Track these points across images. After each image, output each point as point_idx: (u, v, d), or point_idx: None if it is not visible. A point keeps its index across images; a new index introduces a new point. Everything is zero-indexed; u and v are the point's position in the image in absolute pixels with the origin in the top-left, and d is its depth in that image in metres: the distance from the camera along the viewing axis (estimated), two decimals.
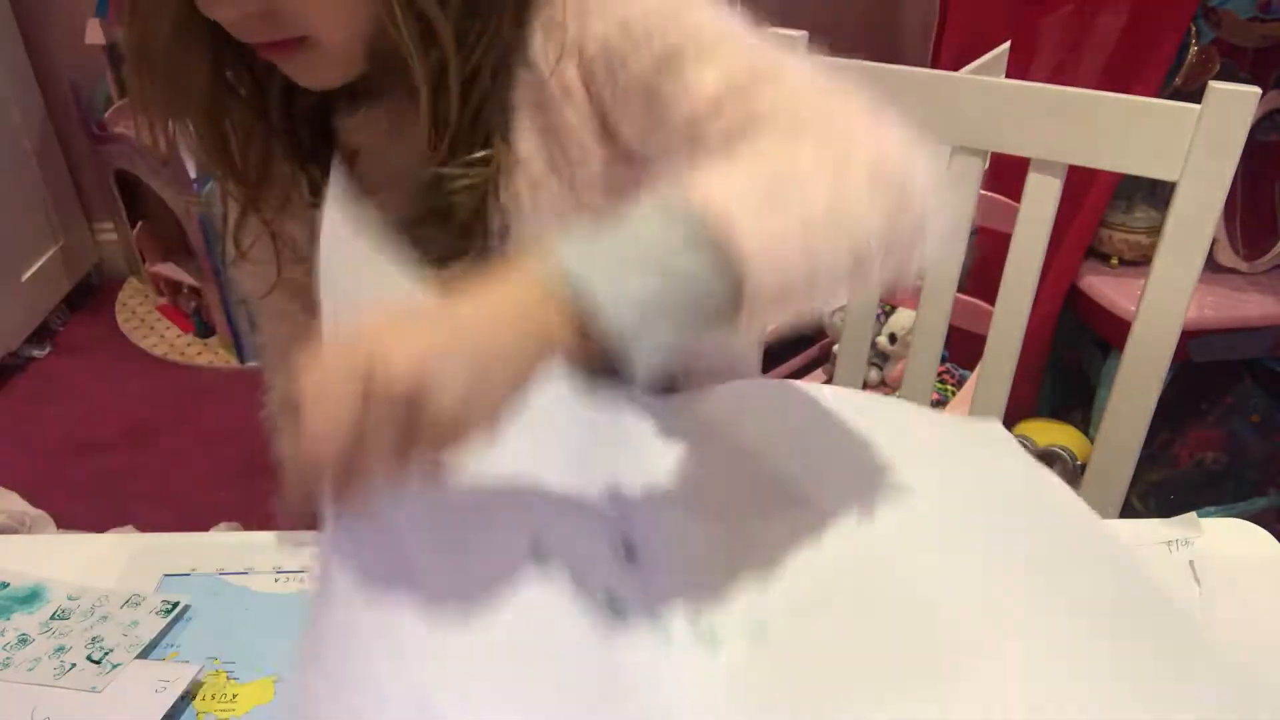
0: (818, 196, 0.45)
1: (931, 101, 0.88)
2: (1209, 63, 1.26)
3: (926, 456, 0.60)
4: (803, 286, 0.44)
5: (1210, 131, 0.78)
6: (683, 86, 0.53)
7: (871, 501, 0.54)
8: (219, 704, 0.56)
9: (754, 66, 0.53)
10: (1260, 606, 0.59)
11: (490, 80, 0.58)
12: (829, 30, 0.85)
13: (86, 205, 2.31)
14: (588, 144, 0.60)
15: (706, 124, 0.52)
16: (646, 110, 0.56)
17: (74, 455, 1.82)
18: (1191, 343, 1.31)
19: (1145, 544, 0.64)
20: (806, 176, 0.45)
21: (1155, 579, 0.55)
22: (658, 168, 0.57)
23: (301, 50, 0.55)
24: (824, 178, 0.45)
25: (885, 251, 0.46)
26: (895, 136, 0.49)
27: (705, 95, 0.52)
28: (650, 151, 0.58)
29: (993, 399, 0.94)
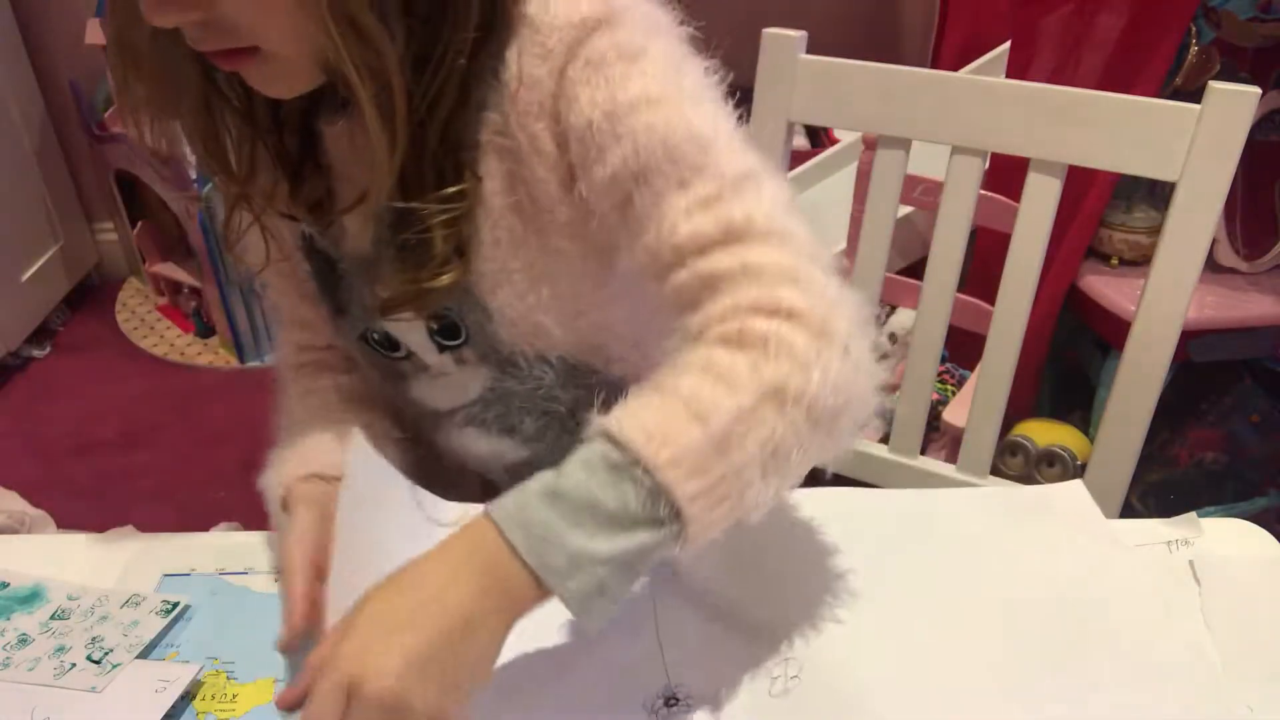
0: (759, 439, 0.48)
1: (931, 101, 0.88)
2: (1209, 63, 1.26)
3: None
4: (738, 516, 0.49)
5: (1210, 131, 0.78)
6: (655, 213, 0.54)
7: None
8: (219, 704, 0.56)
9: (727, 223, 0.53)
10: (1260, 606, 0.59)
11: (450, 116, 0.57)
12: (829, 30, 0.85)
13: (86, 205, 2.31)
14: (554, 194, 0.59)
15: (667, 268, 0.54)
16: (614, 200, 0.56)
17: (74, 455, 1.82)
18: (1191, 343, 1.31)
19: (1145, 544, 0.64)
20: (750, 417, 0.48)
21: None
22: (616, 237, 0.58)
23: (254, 61, 0.53)
24: (767, 418, 0.48)
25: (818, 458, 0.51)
26: (837, 322, 0.51)
27: (672, 241, 0.53)
28: (610, 223, 0.58)
29: (993, 399, 0.94)
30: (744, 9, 1.77)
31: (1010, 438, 1.36)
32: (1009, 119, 0.85)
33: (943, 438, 1.30)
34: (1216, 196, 0.79)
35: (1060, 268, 1.36)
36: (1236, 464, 1.49)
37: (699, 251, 0.53)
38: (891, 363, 1.47)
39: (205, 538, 0.68)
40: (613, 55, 0.54)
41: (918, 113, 0.89)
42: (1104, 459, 0.91)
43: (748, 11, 1.36)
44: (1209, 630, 0.58)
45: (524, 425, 0.72)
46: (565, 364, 0.67)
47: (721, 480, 0.47)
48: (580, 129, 0.55)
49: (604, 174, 0.55)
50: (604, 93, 0.54)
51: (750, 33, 0.92)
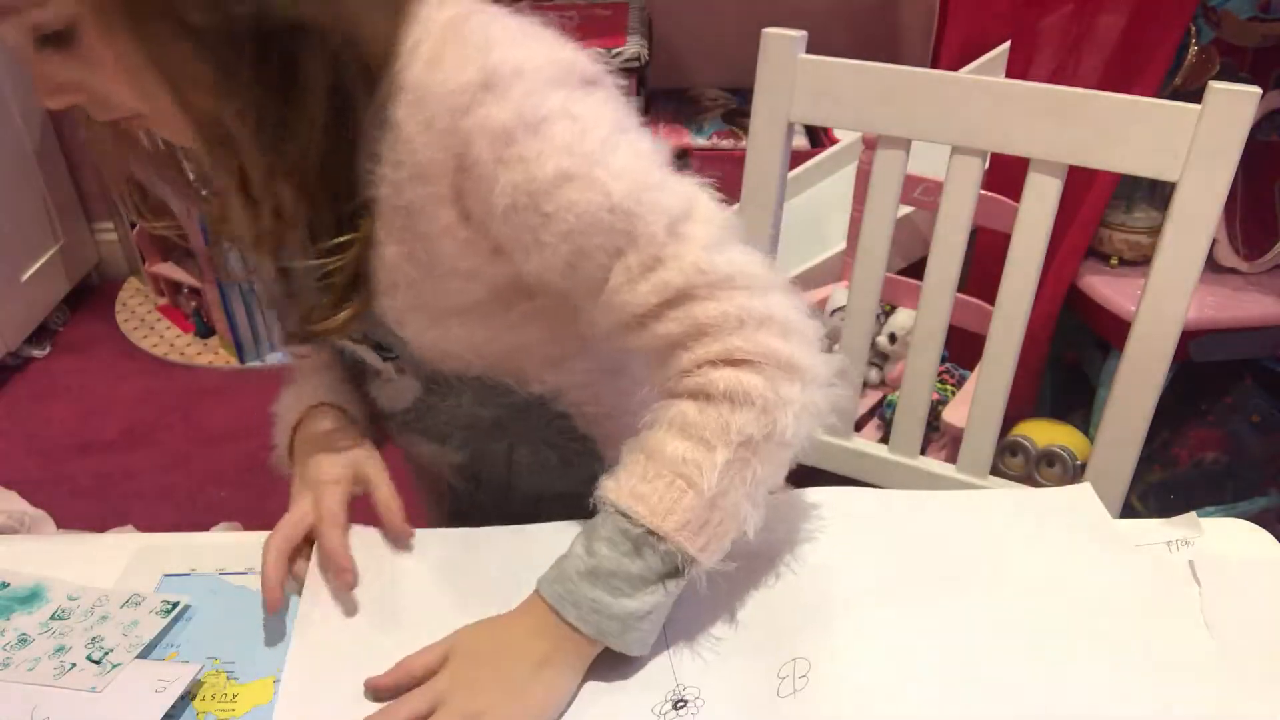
0: (742, 480, 0.55)
1: (931, 101, 0.88)
2: (1209, 63, 1.26)
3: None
4: (739, 535, 0.56)
5: (1210, 131, 0.78)
6: (600, 282, 0.56)
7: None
8: (219, 704, 0.56)
9: (670, 290, 0.55)
10: (1260, 606, 0.59)
11: (326, 173, 0.57)
12: (829, 31, 0.85)
13: (86, 205, 2.31)
14: (452, 250, 0.59)
15: (625, 329, 0.57)
16: (556, 270, 0.57)
17: (74, 455, 1.82)
18: (1191, 343, 1.31)
19: (1145, 544, 0.64)
20: (731, 469, 0.54)
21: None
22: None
23: (144, 122, 0.59)
24: (745, 462, 0.55)
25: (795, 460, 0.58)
26: (787, 352, 0.55)
27: (624, 312, 0.56)
28: (555, 283, 0.58)
29: (992, 399, 0.94)
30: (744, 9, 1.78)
31: (1010, 438, 1.36)
32: (1008, 119, 0.85)
33: (943, 438, 1.30)
34: (1216, 196, 0.79)
35: (1060, 268, 1.36)
36: (1236, 464, 1.49)
37: (651, 317, 0.56)
38: (892, 362, 1.48)
39: (205, 538, 0.68)
40: (518, 130, 0.53)
41: (917, 113, 0.89)
42: (1104, 459, 0.91)
43: (748, 11, 1.36)
44: (1209, 630, 0.58)
45: (452, 436, 0.73)
46: (482, 384, 0.68)
47: (720, 523, 0.55)
48: (502, 210, 0.55)
49: (540, 255, 0.56)
50: (520, 174, 0.54)
51: (751, 33, 0.92)
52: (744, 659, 0.57)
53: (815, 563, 0.62)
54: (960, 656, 0.56)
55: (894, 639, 0.57)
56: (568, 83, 0.55)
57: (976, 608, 0.59)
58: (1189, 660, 0.56)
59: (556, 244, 0.55)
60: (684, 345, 0.55)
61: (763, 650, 0.57)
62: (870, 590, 0.60)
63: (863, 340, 1.01)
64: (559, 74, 0.55)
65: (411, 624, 0.60)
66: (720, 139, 1.97)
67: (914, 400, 0.99)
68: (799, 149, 1.90)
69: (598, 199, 0.53)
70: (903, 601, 0.59)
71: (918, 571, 0.62)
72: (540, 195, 0.54)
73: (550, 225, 0.54)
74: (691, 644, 0.58)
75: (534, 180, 0.53)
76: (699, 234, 0.55)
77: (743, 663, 0.56)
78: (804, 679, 0.54)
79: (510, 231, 0.56)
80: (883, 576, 0.61)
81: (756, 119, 0.95)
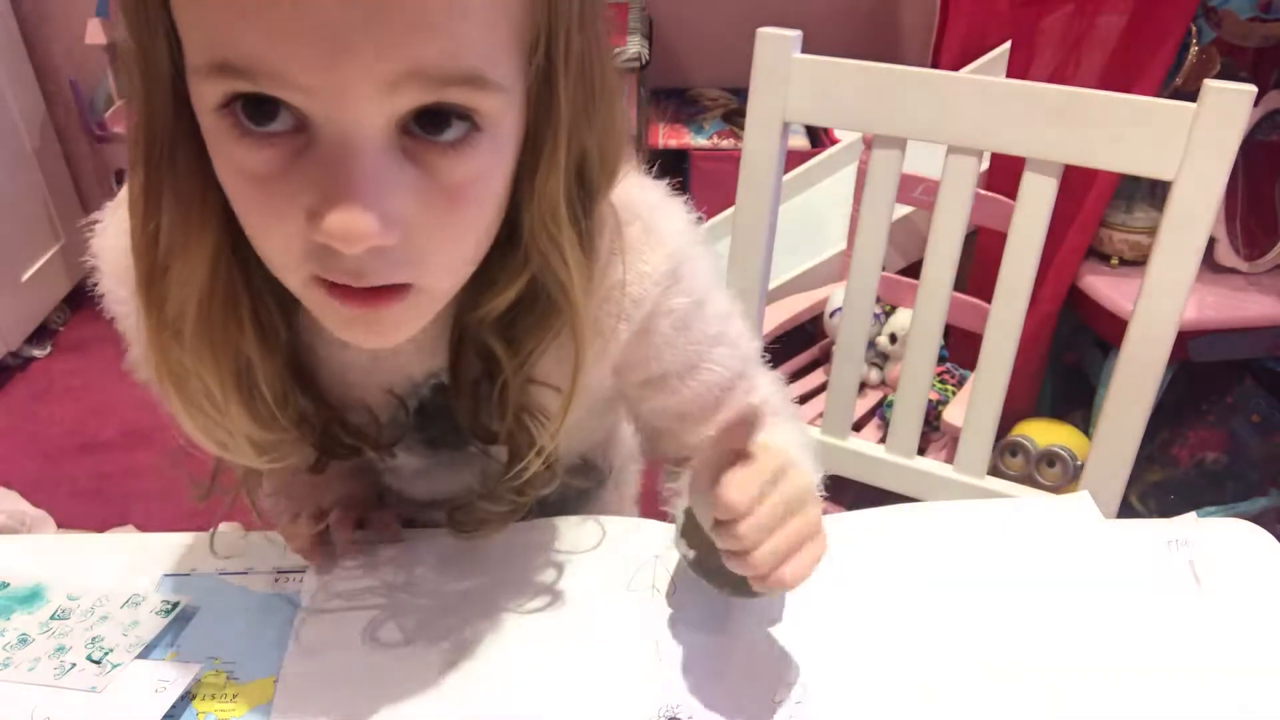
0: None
1: (927, 101, 0.88)
2: (1209, 63, 1.26)
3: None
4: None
5: (1206, 130, 0.78)
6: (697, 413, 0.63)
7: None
8: (219, 704, 0.56)
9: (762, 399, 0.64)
10: (1260, 606, 0.59)
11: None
12: (829, 30, 0.85)
13: (86, 205, 2.31)
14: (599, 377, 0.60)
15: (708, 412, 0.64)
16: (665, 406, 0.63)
17: (74, 455, 1.82)
18: (1191, 343, 1.31)
19: (1145, 544, 0.64)
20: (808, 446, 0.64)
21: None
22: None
23: (400, 299, 0.45)
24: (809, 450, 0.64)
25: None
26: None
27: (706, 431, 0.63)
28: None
29: (990, 398, 0.94)
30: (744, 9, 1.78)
31: (1010, 438, 1.36)
32: (1004, 118, 0.85)
33: (943, 438, 1.30)
34: (1213, 195, 0.80)
35: (1061, 268, 1.36)
36: (1236, 464, 1.49)
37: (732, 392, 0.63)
38: (892, 363, 1.48)
39: (205, 538, 0.68)
40: (691, 314, 0.58)
41: (913, 112, 0.89)
42: (1102, 458, 0.91)
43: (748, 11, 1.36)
44: (1209, 630, 0.58)
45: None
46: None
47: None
48: (656, 375, 0.60)
49: (678, 394, 0.61)
50: (687, 349, 0.59)
51: (751, 33, 0.92)
52: (738, 678, 0.56)
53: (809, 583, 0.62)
54: (958, 677, 0.56)
55: (892, 661, 0.57)
56: (704, 246, 0.60)
57: (973, 626, 0.59)
58: (1189, 663, 0.56)
59: (694, 387, 0.61)
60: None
61: (757, 670, 0.57)
62: (865, 611, 0.60)
63: (862, 340, 1.01)
64: (697, 240, 0.59)
65: (412, 624, 0.60)
66: (720, 139, 1.97)
67: (911, 400, 0.99)
68: (799, 149, 1.90)
69: (731, 363, 0.61)
70: (900, 622, 0.59)
71: (913, 591, 0.61)
72: (690, 366, 0.60)
73: (696, 375, 0.61)
74: (684, 662, 0.57)
75: (698, 345, 0.60)
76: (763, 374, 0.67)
77: (736, 683, 0.56)
78: (799, 705, 0.54)
79: (648, 385, 0.61)
80: (878, 596, 0.61)
81: (752, 118, 0.95)
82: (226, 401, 0.51)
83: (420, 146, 0.41)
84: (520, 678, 0.56)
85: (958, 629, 0.58)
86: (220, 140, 0.41)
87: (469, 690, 0.56)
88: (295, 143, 0.40)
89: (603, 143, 0.49)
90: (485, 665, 0.57)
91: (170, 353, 0.49)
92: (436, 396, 0.59)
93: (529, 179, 0.46)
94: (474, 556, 0.65)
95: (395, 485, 0.70)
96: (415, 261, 0.43)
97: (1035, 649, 0.57)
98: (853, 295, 0.99)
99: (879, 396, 1.46)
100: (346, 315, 0.45)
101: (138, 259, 0.47)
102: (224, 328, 0.49)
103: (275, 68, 0.38)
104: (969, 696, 0.54)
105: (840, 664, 0.57)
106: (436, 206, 0.42)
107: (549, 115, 0.45)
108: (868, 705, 0.54)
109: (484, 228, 0.46)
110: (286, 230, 0.42)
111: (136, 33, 0.42)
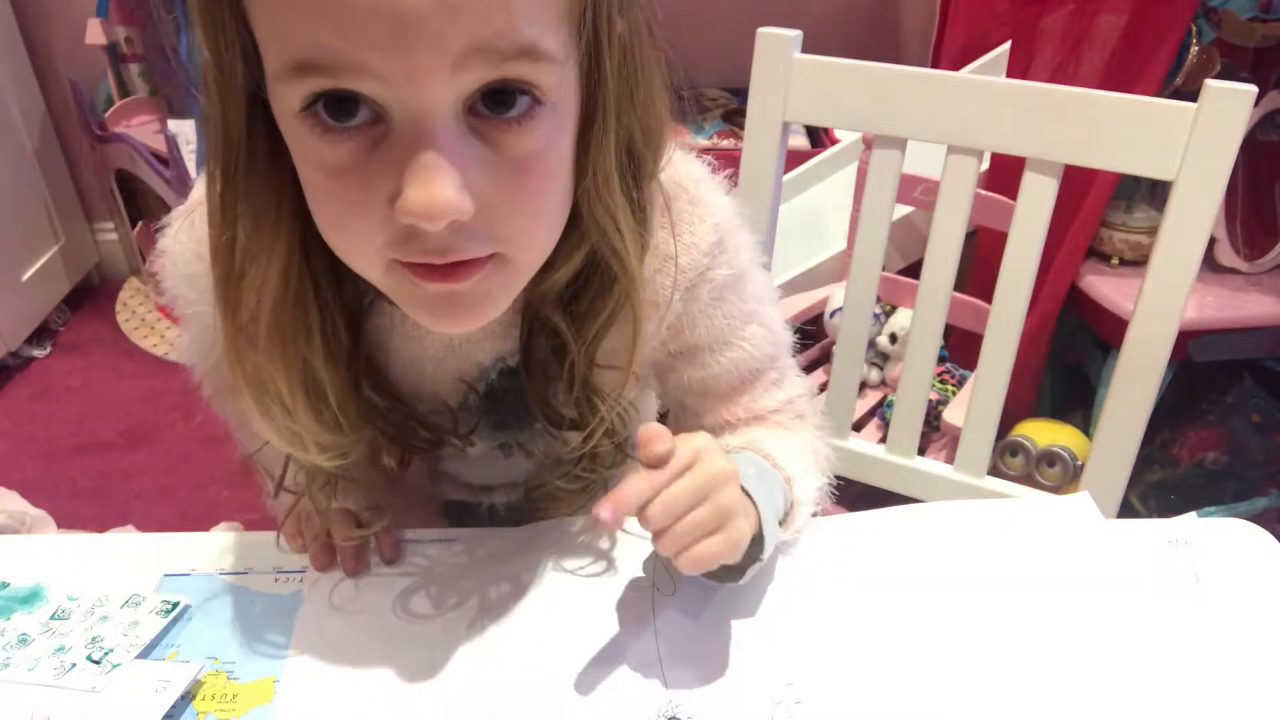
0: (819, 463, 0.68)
1: (926, 101, 0.88)
2: (1209, 63, 1.26)
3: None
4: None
5: (1206, 130, 0.78)
6: (736, 384, 0.66)
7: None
8: (219, 704, 0.56)
9: (785, 401, 0.68)
10: (1260, 606, 0.59)
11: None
12: (829, 30, 0.85)
13: (86, 205, 2.31)
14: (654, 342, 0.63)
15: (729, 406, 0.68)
16: (701, 373, 0.65)
17: (74, 455, 1.82)
18: (1191, 343, 1.31)
19: (1145, 544, 0.64)
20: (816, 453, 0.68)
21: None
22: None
23: (485, 270, 0.47)
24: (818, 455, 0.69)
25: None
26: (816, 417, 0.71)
27: (744, 408, 0.67)
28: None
29: (990, 398, 0.94)
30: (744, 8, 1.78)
31: (1011, 438, 1.36)
32: (1004, 118, 0.85)
33: (943, 438, 1.30)
34: (1214, 195, 0.80)
35: (1061, 268, 1.36)
36: (1236, 464, 1.49)
37: (760, 414, 0.68)
38: (892, 363, 1.48)
39: (205, 538, 0.68)
40: (730, 287, 0.62)
41: (912, 112, 0.89)
42: (1102, 458, 0.91)
43: (749, 11, 1.36)
44: (1209, 630, 0.58)
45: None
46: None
47: (813, 490, 0.65)
48: (690, 346, 0.64)
49: (707, 367, 0.64)
50: (721, 321, 0.63)
51: (751, 33, 0.92)
52: (738, 678, 0.56)
53: (810, 584, 0.62)
54: (958, 677, 0.56)
55: (891, 663, 0.57)
56: (744, 228, 0.63)
57: (973, 626, 0.59)
58: (1189, 662, 0.56)
59: (724, 365, 0.64)
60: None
61: (757, 670, 0.57)
62: (866, 611, 0.60)
63: (862, 340, 1.01)
64: (741, 221, 0.63)
65: (413, 624, 0.60)
66: (721, 139, 1.97)
67: (912, 400, 0.99)
68: (800, 149, 1.90)
69: (766, 338, 0.65)
70: (899, 625, 0.59)
71: (913, 591, 0.61)
72: (730, 332, 0.63)
73: (727, 351, 0.64)
74: (684, 663, 0.57)
75: (730, 321, 0.63)
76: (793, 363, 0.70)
77: (736, 683, 0.56)
78: (799, 704, 0.54)
79: (688, 352, 0.64)
80: (878, 596, 0.61)
81: (752, 118, 0.95)
82: (295, 404, 0.53)
83: (487, 125, 0.44)
84: (520, 678, 0.56)
85: (958, 629, 0.58)
86: (303, 140, 0.44)
87: (469, 690, 0.56)
88: (373, 134, 0.43)
89: (645, 120, 0.53)
90: (485, 665, 0.57)
91: (246, 355, 0.51)
92: (504, 381, 0.62)
93: (583, 154, 0.49)
94: (473, 558, 0.65)
95: (453, 471, 0.72)
96: (493, 235, 0.46)
97: (1035, 649, 0.57)
98: (853, 295, 0.99)
99: (879, 396, 1.46)
100: (431, 294, 0.47)
101: (215, 263, 0.50)
102: (294, 335, 0.52)
103: (352, 59, 0.40)
104: (969, 696, 0.54)
105: (840, 664, 0.57)
106: (507, 179, 0.45)
107: (598, 92, 0.48)
108: (867, 705, 0.54)
109: (554, 200, 0.49)
110: (370, 219, 0.44)
111: (214, 49, 0.44)
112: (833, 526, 0.67)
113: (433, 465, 0.72)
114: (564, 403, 0.59)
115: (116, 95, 2.10)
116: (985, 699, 0.54)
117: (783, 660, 0.57)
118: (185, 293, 0.60)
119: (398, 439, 0.62)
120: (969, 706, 0.54)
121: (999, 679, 0.55)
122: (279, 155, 0.47)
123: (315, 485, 0.60)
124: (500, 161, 0.44)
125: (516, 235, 0.47)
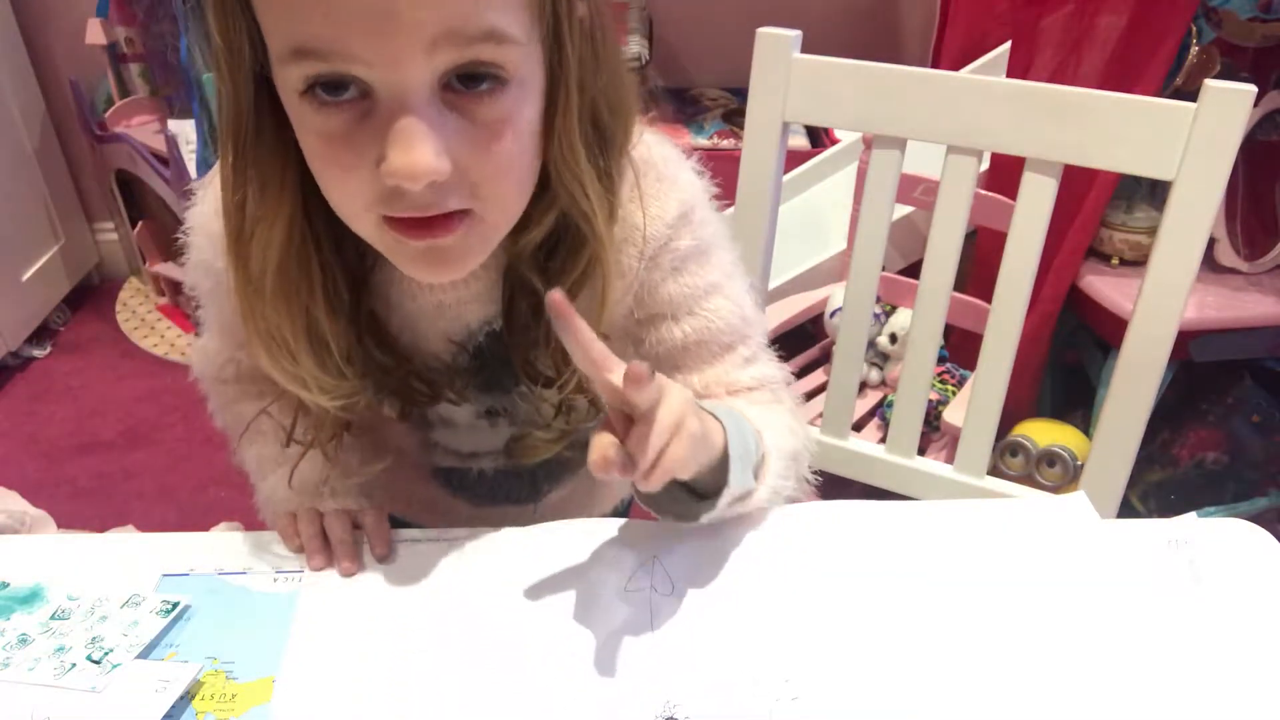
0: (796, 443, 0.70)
1: (926, 101, 0.88)
2: (1210, 63, 1.26)
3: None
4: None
5: (1206, 130, 0.78)
6: (705, 361, 0.69)
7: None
8: (219, 704, 0.56)
9: (759, 379, 0.70)
10: (1260, 606, 0.59)
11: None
12: (829, 30, 0.85)
13: (86, 205, 2.31)
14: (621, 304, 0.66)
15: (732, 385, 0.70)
16: (670, 346, 0.68)
17: (74, 455, 1.82)
18: (1192, 343, 1.31)
19: (1145, 544, 0.64)
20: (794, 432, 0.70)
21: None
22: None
23: (462, 227, 0.53)
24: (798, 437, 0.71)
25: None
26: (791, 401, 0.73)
27: (717, 381, 0.69)
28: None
29: (990, 398, 0.94)
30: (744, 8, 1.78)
31: (1011, 438, 1.36)
32: (1004, 118, 0.85)
33: (943, 438, 1.30)
34: (1213, 195, 0.80)
35: (1061, 268, 1.36)
36: (1236, 464, 1.49)
37: (734, 389, 0.69)
38: (892, 363, 1.48)
39: (205, 538, 0.68)
40: (691, 258, 0.65)
41: (911, 112, 0.89)
42: (1102, 458, 0.91)
43: (749, 11, 1.36)
44: (1208, 630, 0.58)
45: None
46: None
47: (785, 466, 0.67)
48: (653, 313, 0.67)
49: (671, 334, 0.67)
50: (683, 290, 0.66)
51: (751, 32, 0.92)
52: (736, 676, 0.56)
53: (807, 582, 0.62)
54: (956, 676, 0.56)
55: (888, 659, 0.57)
56: (713, 206, 0.67)
57: (972, 625, 0.59)
58: (1189, 662, 0.56)
59: (687, 333, 0.67)
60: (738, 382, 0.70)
61: (755, 668, 0.56)
62: (862, 609, 0.60)
63: (861, 340, 1.01)
64: (710, 199, 0.67)
65: (412, 624, 0.60)
66: (721, 139, 1.97)
67: (911, 400, 0.99)
68: (800, 149, 1.90)
69: (733, 310, 0.67)
70: (895, 620, 0.59)
71: (911, 590, 0.61)
72: (694, 299, 0.66)
73: (690, 319, 0.67)
74: (681, 661, 0.57)
75: (693, 288, 0.66)
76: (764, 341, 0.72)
77: (734, 682, 0.56)
78: (796, 701, 0.54)
79: (652, 317, 0.67)
80: (876, 595, 0.61)
81: (751, 118, 0.95)
82: (299, 352, 0.59)
83: (459, 98, 0.50)
84: (519, 677, 0.56)
85: (956, 628, 0.58)
86: (304, 114, 0.51)
87: (468, 690, 0.56)
88: (361, 107, 0.50)
89: (611, 95, 0.58)
90: (484, 665, 0.57)
91: (255, 306, 0.58)
92: (490, 343, 0.67)
93: (550, 123, 0.55)
94: (472, 557, 0.65)
95: (444, 441, 0.76)
96: (470, 191, 0.52)
97: (1035, 648, 0.57)
98: (853, 295, 0.99)
99: (879, 396, 1.46)
100: (416, 249, 0.54)
101: (227, 222, 0.57)
102: (297, 289, 0.58)
103: (340, 46, 0.47)
104: (968, 696, 0.54)
105: (837, 662, 0.57)
106: (479, 142, 0.51)
107: (561, 69, 0.53)
108: (865, 703, 0.54)
109: (521, 161, 0.54)
110: (360, 178, 0.51)
111: (224, 33, 0.51)
112: (832, 516, 0.67)
113: (425, 435, 0.75)
114: (544, 361, 0.64)
115: (116, 95, 2.10)
116: (984, 698, 0.54)
117: (780, 658, 0.57)
118: (212, 260, 0.64)
119: (398, 392, 0.67)
120: (968, 706, 0.54)
121: (998, 678, 0.55)
122: (283, 128, 0.53)
123: (324, 434, 0.67)
124: (473, 129, 0.51)
125: (490, 192, 0.53)
